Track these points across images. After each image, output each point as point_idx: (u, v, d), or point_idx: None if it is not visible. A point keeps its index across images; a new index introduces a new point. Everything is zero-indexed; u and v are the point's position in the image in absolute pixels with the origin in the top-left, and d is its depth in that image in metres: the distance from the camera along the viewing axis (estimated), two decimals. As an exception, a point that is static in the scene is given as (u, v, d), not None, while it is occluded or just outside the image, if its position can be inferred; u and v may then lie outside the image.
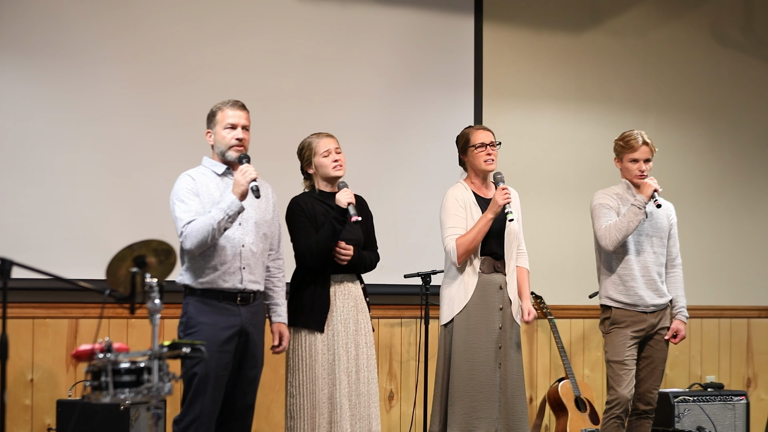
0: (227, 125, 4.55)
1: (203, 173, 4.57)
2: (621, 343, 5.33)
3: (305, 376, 4.76)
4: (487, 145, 5.09)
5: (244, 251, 4.52)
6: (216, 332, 4.41)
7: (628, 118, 6.97)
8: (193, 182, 4.51)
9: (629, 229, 5.23)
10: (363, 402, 4.84)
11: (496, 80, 6.74)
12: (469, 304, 4.99)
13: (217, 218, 4.37)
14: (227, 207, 4.39)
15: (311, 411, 4.74)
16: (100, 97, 5.71)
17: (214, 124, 4.58)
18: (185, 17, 5.92)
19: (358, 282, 4.95)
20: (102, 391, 3.57)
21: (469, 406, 4.94)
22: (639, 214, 5.22)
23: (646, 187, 5.26)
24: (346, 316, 4.84)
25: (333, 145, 4.89)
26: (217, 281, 4.47)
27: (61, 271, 4.27)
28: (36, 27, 5.61)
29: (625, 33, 7.16)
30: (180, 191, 4.49)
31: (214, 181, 4.55)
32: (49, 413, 5.48)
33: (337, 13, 6.28)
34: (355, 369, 4.83)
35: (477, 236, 4.97)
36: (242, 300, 4.52)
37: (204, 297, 4.45)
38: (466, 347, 4.97)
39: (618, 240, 5.25)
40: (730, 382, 7.25)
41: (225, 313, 4.47)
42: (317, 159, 4.88)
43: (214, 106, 4.61)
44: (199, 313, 4.44)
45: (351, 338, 4.84)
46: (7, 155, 5.55)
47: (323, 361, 4.77)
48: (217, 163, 4.59)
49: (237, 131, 4.55)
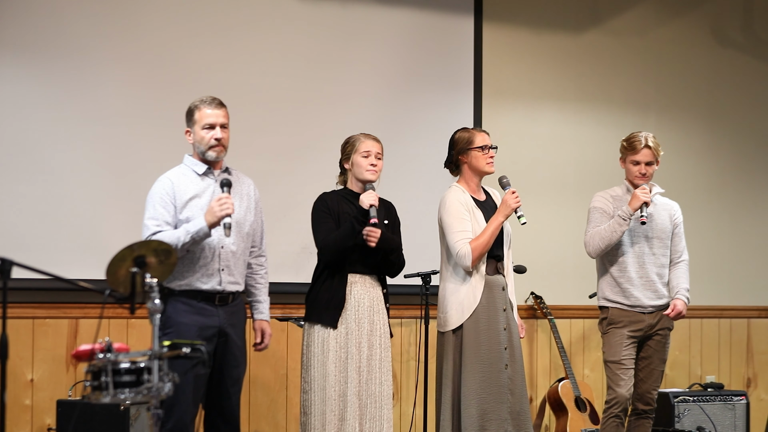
0: (205, 125, 4.53)
1: (183, 173, 4.55)
2: (618, 342, 5.33)
3: (317, 372, 4.77)
4: (489, 148, 5.08)
5: (224, 252, 4.51)
6: (193, 333, 4.38)
7: (628, 118, 6.97)
8: (170, 185, 4.49)
9: (612, 239, 5.24)
10: (374, 402, 4.83)
11: (495, 80, 6.74)
12: (478, 308, 4.98)
13: (182, 239, 4.36)
14: (195, 232, 4.38)
15: (322, 407, 4.75)
16: (100, 97, 5.71)
17: (192, 122, 4.56)
18: (185, 17, 5.92)
19: (378, 284, 4.94)
20: (102, 391, 3.58)
21: (483, 408, 4.94)
22: (623, 225, 5.22)
23: (635, 200, 5.23)
24: (360, 315, 4.83)
25: (375, 148, 4.90)
26: (195, 283, 4.46)
27: (61, 271, 4.27)
28: (36, 27, 5.61)
29: (625, 33, 7.16)
30: (154, 195, 4.48)
31: (195, 182, 4.53)
32: (49, 413, 5.48)
33: (337, 13, 6.28)
34: (367, 368, 4.83)
35: (490, 240, 4.97)
36: (221, 300, 4.51)
37: (182, 297, 4.43)
38: (477, 350, 4.96)
39: (600, 248, 5.27)
40: (730, 382, 7.25)
41: (203, 313, 4.46)
42: (356, 157, 4.89)
43: (192, 103, 4.59)
44: (177, 313, 4.42)
45: (365, 337, 4.83)
46: (7, 155, 5.55)
47: (335, 357, 4.77)
48: (197, 162, 4.57)
49: (215, 131, 4.53)
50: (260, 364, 6.01)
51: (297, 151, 6.08)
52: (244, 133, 6.00)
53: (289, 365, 6.08)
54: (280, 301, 6.03)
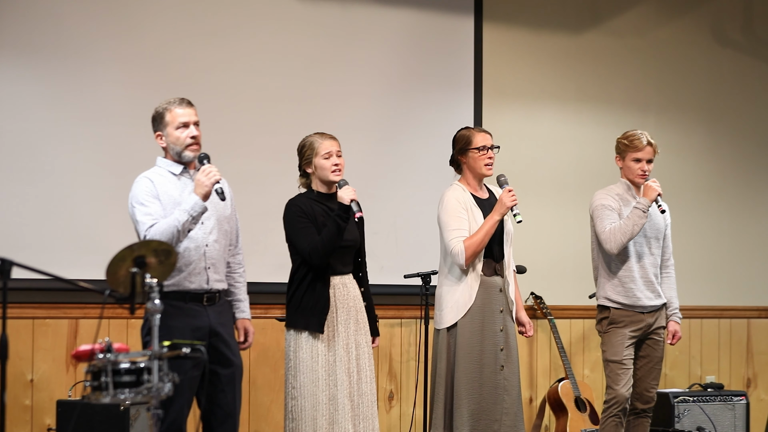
0: (179, 125, 4.49)
1: (160, 174, 4.52)
2: (619, 342, 5.33)
3: (306, 378, 4.74)
4: (488, 148, 5.08)
5: (209, 250, 4.50)
6: (185, 336, 4.35)
7: (628, 118, 6.97)
8: (151, 184, 4.46)
9: (633, 232, 5.23)
10: (366, 401, 4.83)
11: (495, 80, 6.74)
12: (472, 307, 4.98)
13: (181, 220, 4.33)
14: (191, 208, 4.35)
15: (312, 412, 4.73)
16: (100, 97, 5.71)
17: (164, 125, 4.51)
18: (185, 17, 5.92)
19: (355, 281, 4.93)
20: (102, 391, 3.58)
21: (475, 408, 4.94)
22: (643, 217, 5.22)
23: (650, 191, 5.25)
24: (346, 316, 4.83)
25: (335, 147, 4.86)
26: (182, 282, 4.44)
27: (61, 271, 4.27)
28: (36, 27, 5.61)
29: (625, 33, 7.16)
30: (139, 194, 4.44)
31: (172, 182, 4.50)
32: (49, 413, 5.48)
33: (337, 13, 6.28)
34: (356, 368, 4.82)
35: (485, 238, 4.96)
36: (209, 300, 4.49)
37: (169, 299, 4.34)
38: (470, 350, 4.96)
39: (622, 243, 5.25)
40: (730, 382, 7.25)
41: (192, 314, 4.44)
42: (317, 160, 4.85)
43: (159, 107, 4.54)
44: (165, 316, 4.39)
45: (351, 338, 4.83)
46: (7, 155, 5.55)
47: (324, 362, 4.76)
48: (172, 163, 4.54)
49: (190, 129, 4.50)
50: (260, 364, 6.01)
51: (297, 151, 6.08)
52: (244, 133, 6.01)
53: (289, 365, 6.07)
54: (279, 301, 6.00)
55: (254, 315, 6.04)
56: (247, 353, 5.84)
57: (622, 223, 5.26)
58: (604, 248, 5.32)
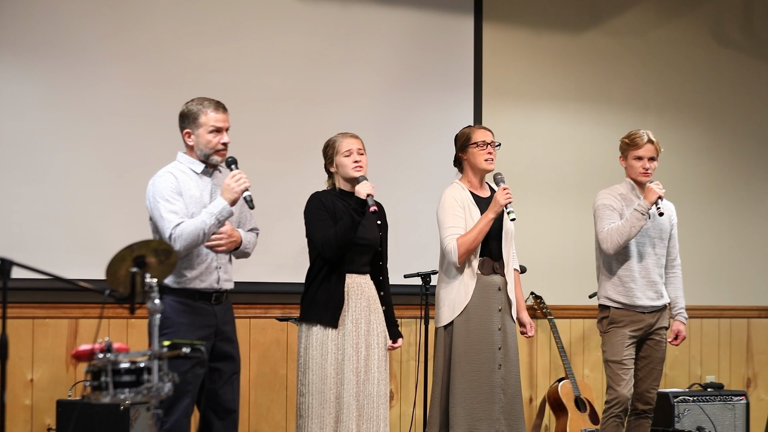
0: (212, 128, 4.50)
1: (182, 171, 4.52)
2: (619, 342, 5.33)
3: (315, 375, 4.75)
4: (488, 144, 5.08)
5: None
6: (193, 332, 4.38)
7: (628, 118, 6.97)
8: (175, 180, 4.46)
9: (631, 233, 5.23)
10: (372, 403, 4.82)
11: (495, 80, 6.74)
12: (469, 306, 4.98)
13: (208, 222, 4.36)
14: (218, 212, 4.37)
15: (319, 410, 4.74)
16: (100, 96, 5.71)
17: (196, 125, 4.51)
18: (185, 17, 5.92)
19: (374, 285, 4.93)
20: (102, 391, 3.57)
21: (471, 407, 4.94)
22: (641, 219, 5.22)
23: (651, 193, 5.25)
24: (357, 315, 4.82)
25: (356, 145, 4.88)
26: (194, 281, 4.45)
27: (61, 271, 4.27)
28: (36, 27, 5.61)
29: (625, 33, 7.16)
30: (164, 190, 4.43)
31: (194, 180, 4.51)
32: (49, 413, 5.48)
33: (337, 13, 6.28)
34: (365, 369, 4.81)
35: (478, 236, 4.96)
36: (216, 299, 4.52)
37: (180, 297, 4.42)
38: (467, 349, 4.96)
39: (619, 244, 5.25)
40: (730, 382, 7.25)
41: (201, 312, 4.46)
42: (339, 158, 4.88)
43: (194, 105, 4.53)
44: (175, 313, 4.41)
45: (362, 338, 4.82)
46: (7, 155, 5.55)
47: (333, 360, 4.76)
48: (195, 161, 4.54)
49: (222, 135, 4.52)
50: (260, 364, 6.02)
51: (297, 151, 6.08)
52: (244, 132, 5.99)
53: (288, 365, 6.08)
54: (279, 301, 6.03)
55: (254, 315, 6.06)
56: (247, 353, 5.85)
57: (620, 224, 5.26)
58: (601, 248, 5.33)
